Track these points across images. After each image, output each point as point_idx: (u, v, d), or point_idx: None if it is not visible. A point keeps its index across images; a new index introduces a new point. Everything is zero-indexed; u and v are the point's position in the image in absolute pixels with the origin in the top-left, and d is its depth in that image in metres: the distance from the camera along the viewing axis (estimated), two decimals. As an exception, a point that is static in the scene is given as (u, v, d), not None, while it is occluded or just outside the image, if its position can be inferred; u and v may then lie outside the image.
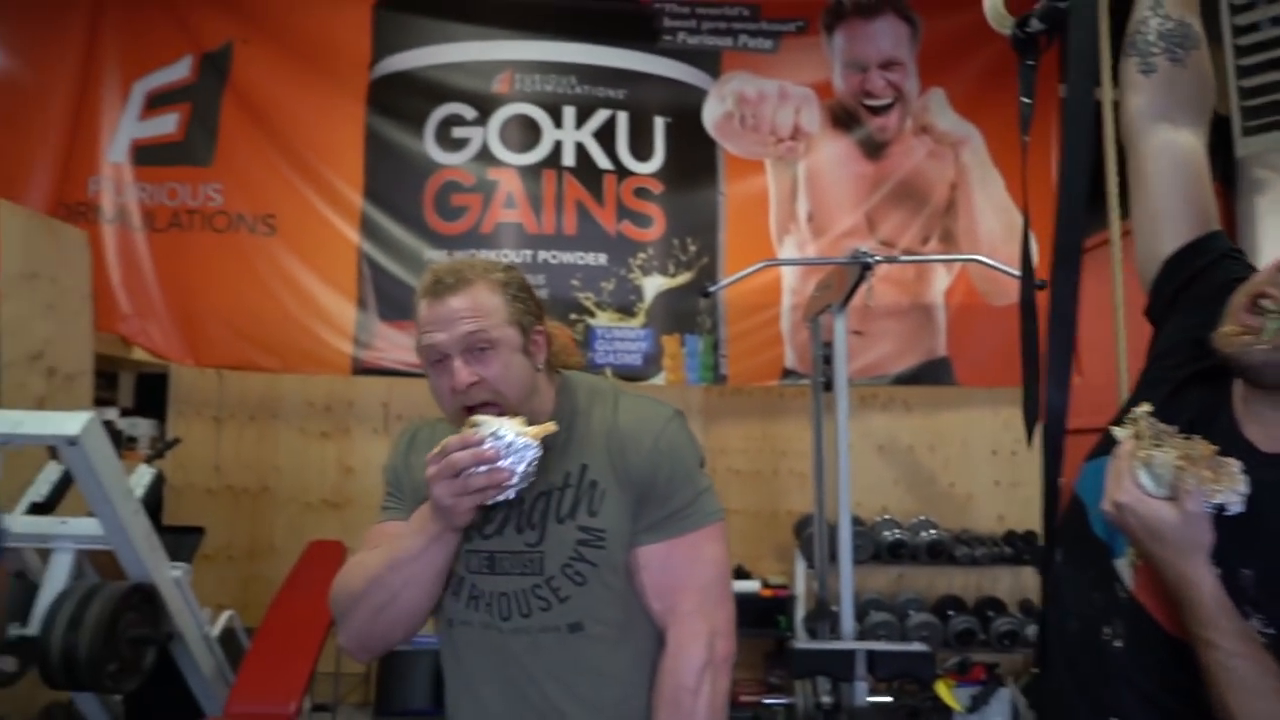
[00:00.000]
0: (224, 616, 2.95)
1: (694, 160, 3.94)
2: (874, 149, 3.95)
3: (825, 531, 3.14)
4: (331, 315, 3.76)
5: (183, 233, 3.78)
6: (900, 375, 3.91)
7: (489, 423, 1.06)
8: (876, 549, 3.76)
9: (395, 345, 3.76)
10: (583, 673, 1.16)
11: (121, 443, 3.63)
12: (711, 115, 3.94)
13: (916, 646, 2.74)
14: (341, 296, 3.78)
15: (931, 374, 3.93)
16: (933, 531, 3.82)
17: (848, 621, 2.81)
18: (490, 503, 1.07)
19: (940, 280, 3.92)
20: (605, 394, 1.28)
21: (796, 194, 3.94)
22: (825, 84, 3.96)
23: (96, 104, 3.80)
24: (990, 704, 3.72)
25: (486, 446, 1.04)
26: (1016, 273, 3.43)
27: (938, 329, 3.92)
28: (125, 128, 3.81)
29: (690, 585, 1.17)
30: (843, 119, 3.97)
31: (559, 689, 1.16)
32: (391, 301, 3.79)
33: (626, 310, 3.83)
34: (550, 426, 1.08)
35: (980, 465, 4.13)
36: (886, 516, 3.95)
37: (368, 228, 3.83)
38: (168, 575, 2.60)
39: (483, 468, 1.03)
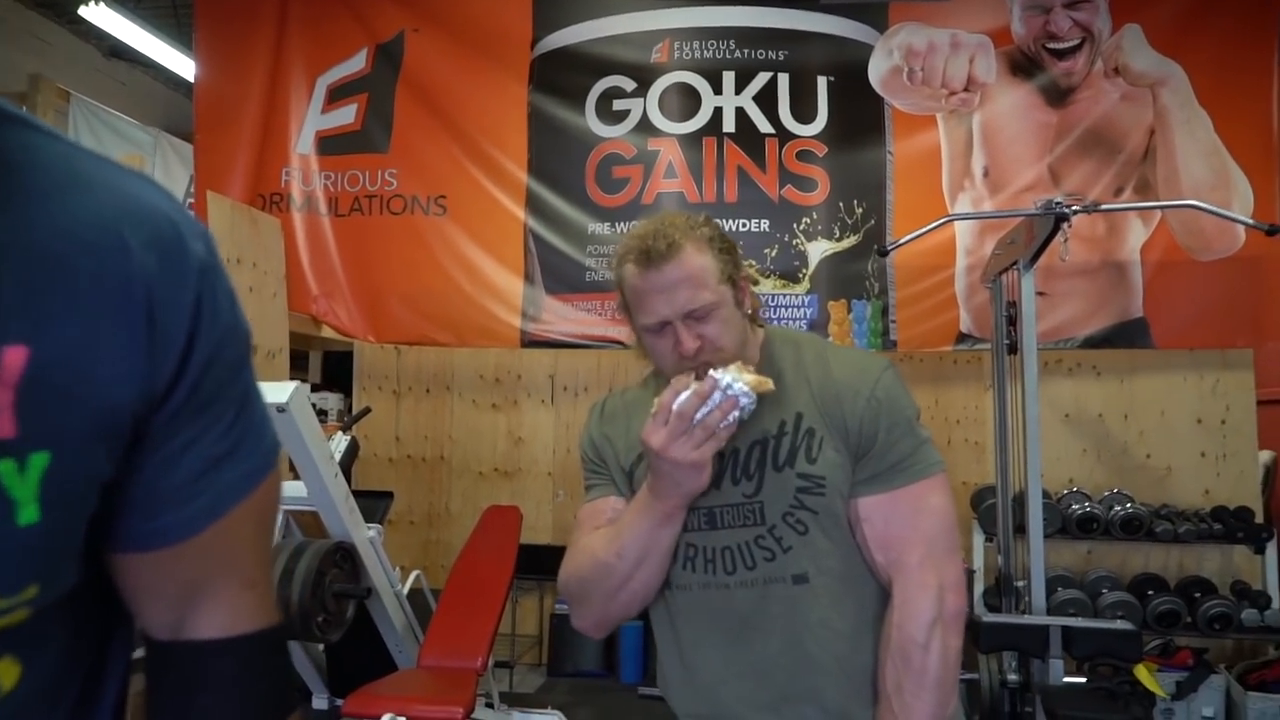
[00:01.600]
0: (411, 576, 3.12)
1: (859, 119, 3.79)
2: (1058, 96, 3.67)
3: (1009, 503, 2.97)
4: (500, 290, 3.88)
5: (363, 217, 3.99)
6: (1089, 338, 3.64)
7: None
8: (1064, 523, 3.53)
9: (561, 318, 3.84)
10: (810, 626, 1.12)
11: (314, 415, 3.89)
12: (877, 71, 3.78)
13: (1120, 624, 2.54)
14: (509, 271, 3.89)
15: (1125, 336, 3.63)
16: (1128, 506, 3.55)
17: (1038, 596, 2.65)
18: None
19: (1136, 234, 3.60)
20: (812, 345, 1.25)
21: (971, 149, 3.72)
22: (1002, 30, 3.71)
23: (285, 101, 4.05)
24: (1199, 692, 3.43)
25: (703, 384, 1.04)
26: (1247, 219, 3.13)
27: (1133, 288, 3.61)
28: (310, 120, 4.06)
29: (916, 537, 1.12)
30: (1022, 66, 3.71)
31: (784, 644, 1.13)
32: (557, 275, 3.87)
33: (791, 277, 3.75)
34: (767, 383, 1.06)
35: (1182, 436, 3.79)
36: (1074, 489, 3.70)
37: (532, 204, 3.92)
38: (364, 535, 2.77)
39: (710, 405, 1.03)
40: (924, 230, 2.88)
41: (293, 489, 2.64)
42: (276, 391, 2.38)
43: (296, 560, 2.49)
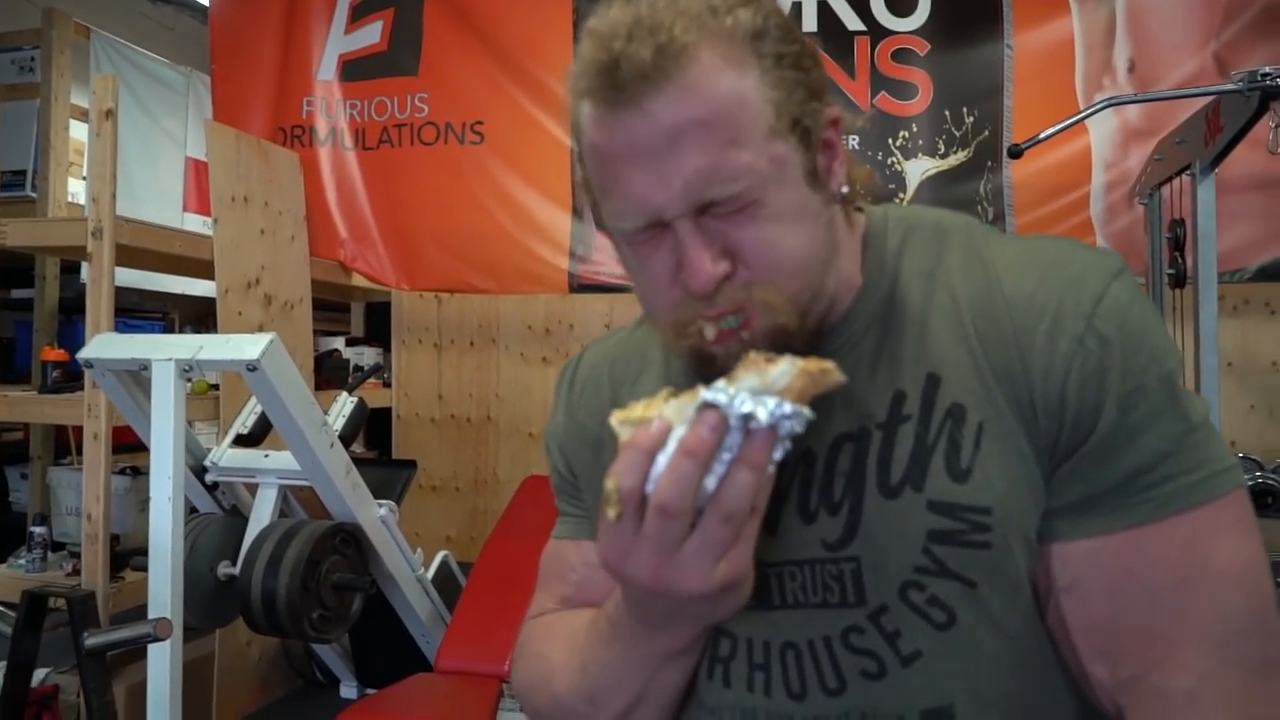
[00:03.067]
0: (438, 557, 2.71)
1: (970, 8, 3.11)
2: (1229, -39, 2.92)
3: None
4: (545, 227, 3.38)
5: (392, 150, 3.55)
6: (1265, 268, 2.92)
7: (713, 392, 0.51)
8: (1228, 498, 2.87)
9: (614, 257, 3.31)
10: None
11: (349, 371, 3.51)
12: (993, -56, 3.09)
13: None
14: (556, 206, 3.39)
15: (1311, 266, 2.91)
16: (1312, 476, 2.86)
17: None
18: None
19: (1330, 136, 2.85)
20: (964, 236, 0.67)
21: (1113, 37, 3.01)
22: (1155, -119, 2.96)
23: (306, 21, 3.62)
24: None
25: (700, 421, 0.50)
26: None
27: (1325, 203, 2.87)
28: (333, 42, 3.61)
29: (1189, 627, 0.57)
30: (1182, -76, 2.96)
31: None
32: (609, 209, 3.35)
33: (886, 201, 3.13)
34: (830, 372, 0.51)
35: (1382, 388, 3.06)
36: (1241, 455, 3.02)
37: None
38: (373, 514, 2.35)
39: (723, 462, 0.51)
40: (1072, 120, 2.22)
41: (288, 459, 2.24)
42: (247, 346, 1.95)
43: (285, 546, 2.09)
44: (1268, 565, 0.58)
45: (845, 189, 0.63)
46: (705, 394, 0.50)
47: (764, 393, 0.49)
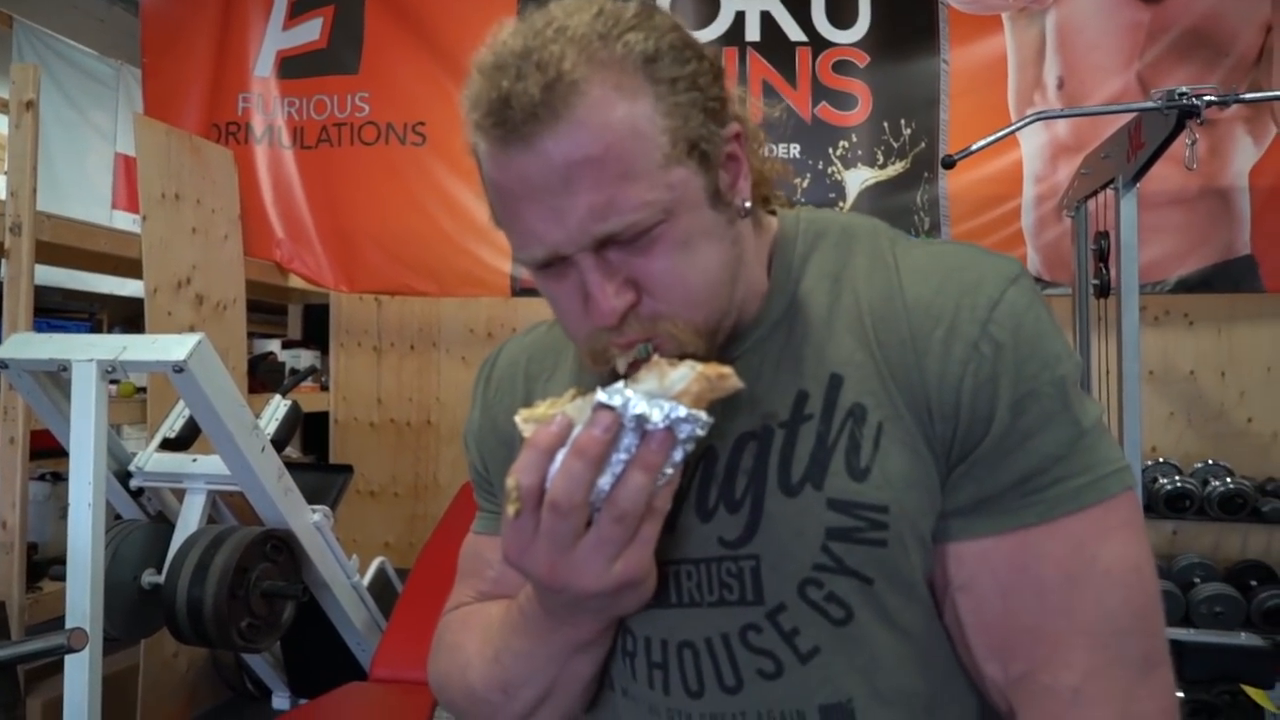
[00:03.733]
0: (374, 564, 2.66)
1: (908, 23, 3.18)
2: (1152, -13, 3.04)
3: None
4: (487, 230, 3.30)
5: (332, 149, 3.48)
6: (1183, 280, 3.04)
7: (609, 393, 0.52)
8: (1149, 500, 2.97)
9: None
10: None
11: (284, 374, 3.43)
12: (930, -39, 3.16)
13: (1246, 638, 2.01)
14: (498, 210, 3.37)
15: (1227, 278, 3.03)
16: (1228, 480, 2.98)
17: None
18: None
19: (1244, 155, 2.98)
20: (869, 240, 0.67)
21: (1044, 55, 3.11)
22: (1083, -93, 3.07)
23: (243, 15, 3.54)
24: (1322, 707, 2.90)
25: (594, 421, 0.52)
26: None
27: (1238, 219, 3.00)
28: (270, 38, 3.54)
29: (1076, 626, 0.58)
30: (1108, -50, 3.07)
31: None
32: (552, 214, 3.34)
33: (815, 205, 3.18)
34: (728, 377, 0.53)
35: (1292, 396, 3.20)
36: (1160, 459, 3.14)
37: (524, 131, 3.37)
38: (306, 520, 2.30)
39: (615, 463, 0.52)
40: (1003, 133, 2.29)
41: (216, 464, 2.18)
42: (174, 347, 1.89)
43: (213, 553, 2.03)
44: (1153, 565, 0.60)
45: (748, 203, 0.63)
46: (600, 395, 0.51)
47: (661, 396, 0.50)
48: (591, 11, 0.57)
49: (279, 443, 2.35)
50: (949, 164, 2.25)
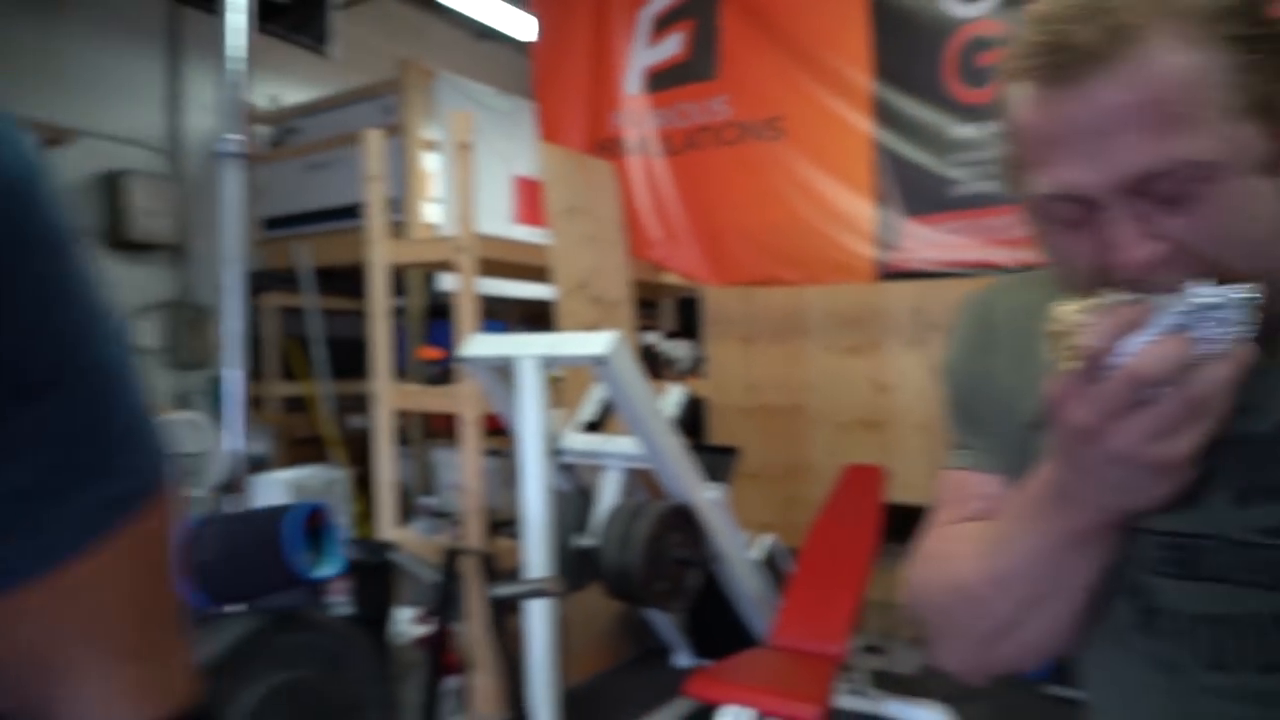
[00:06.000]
0: (765, 541, 2.82)
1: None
2: None
3: None
4: (849, 216, 3.38)
5: (698, 152, 3.73)
6: None
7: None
8: None
9: (924, 243, 3.24)
10: None
11: (662, 364, 3.75)
12: None
13: None
14: (858, 195, 3.38)
15: None
16: None
17: None
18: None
19: None
20: None
21: None
22: None
23: (610, 42, 3.91)
24: None
25: (1171, 321, 0.50)
26: None
27: None
28: (637, 57, 3.87)
29: None
30: None
31: None
32: (915, 193, 3.27)
33: None
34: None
35: None
36: None
37: (881, 112, 3.34)
38: (703, 496, 2.51)
39: (1183, 347, 0.50)
40: None
41: (628, 444, 2.46)
42: (597, 343, 2.18)
43: (634, 523, 2.30)
44: None
45: None
46: (1194, 293, 0.50)
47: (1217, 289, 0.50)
48: None
49: (678, 426, 2.59)
50: None
